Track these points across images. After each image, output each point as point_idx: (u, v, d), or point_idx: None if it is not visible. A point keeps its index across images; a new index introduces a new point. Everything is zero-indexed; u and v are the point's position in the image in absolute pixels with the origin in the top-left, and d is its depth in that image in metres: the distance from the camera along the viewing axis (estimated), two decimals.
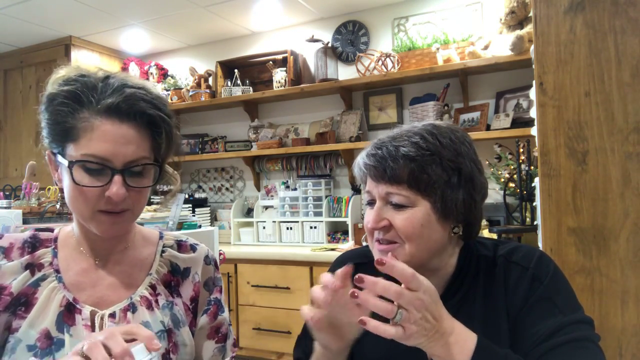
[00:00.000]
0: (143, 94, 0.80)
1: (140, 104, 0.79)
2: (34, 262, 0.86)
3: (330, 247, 3.00)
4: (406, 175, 0.80)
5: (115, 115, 0.78)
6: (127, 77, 0.83)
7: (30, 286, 0.83)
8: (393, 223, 0.81)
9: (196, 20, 3.42)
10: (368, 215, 0.85)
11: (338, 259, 1.02)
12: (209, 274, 0.98)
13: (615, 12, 1.34)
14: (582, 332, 0.75)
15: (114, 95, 0.78)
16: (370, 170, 0.84)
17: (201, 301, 0.95)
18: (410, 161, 0.80)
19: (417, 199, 0.80)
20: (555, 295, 0.79)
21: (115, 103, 0.77)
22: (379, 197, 0.83)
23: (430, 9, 3.12)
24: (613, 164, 1.34)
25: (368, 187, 0.86)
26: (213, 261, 1.01)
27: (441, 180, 0.80)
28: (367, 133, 3.29)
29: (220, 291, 0.99)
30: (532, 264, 0.83)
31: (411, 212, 0.80)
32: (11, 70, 3.92)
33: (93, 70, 0.84)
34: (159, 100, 0.83)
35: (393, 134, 0.86)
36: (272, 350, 2.93)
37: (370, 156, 0.84)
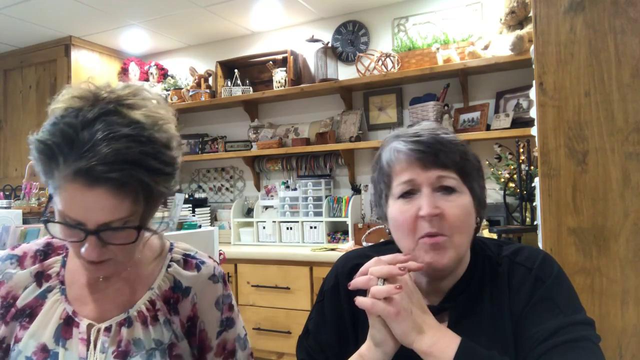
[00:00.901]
0: (125, 151, 0.71)
1: (114, 168, 0.70)
2: (43, 272, 0.88)
3: (330, 247, 3.00)
4: (458, 159, 0.81)
5: (85, 179, 0.70)
6: (120, 120, 0.74)
7: (38, 298, 0.85)
8: (444, 212, 0.79)
9: (196, 20, 3.42)
10: (406, 209, 0.80)
11: (340, 260, 1.01)
12: (217, 293, 0.95)
13: (615, 12, 1.34)
14: (583, 333, 0.75)
15: (87, 155, 0.70)
16: (418, 155, 0.80)
17: (210, 322, 0.93)
18: (455, 145, 0.82)
19: (462, 186, 0.81)
20: (557, 296, 0.79)
21: (85, 168, 0.69)
22: (428, 184, 0.80)
23: (430, 9, 3.12)
24: (613, 164, 1.34)
25: (410, 176, 0.81)
26: (221, 278, 0.97)
27: (476, 169, 0.84)
28: (367, 133, 3.29)
29: (230, 308, 0.97)
30: (535, 265, 0.83)
31: (461, 198, 0.80)
32: (11, 70, 3.92)
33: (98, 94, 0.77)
34: (151, 150, 0.74)
35: (416, 128, 0.86)
36: (272, 350, 2.93)
37: (415, 143, 0.81)
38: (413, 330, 0.73)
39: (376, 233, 2.93)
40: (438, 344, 0.73)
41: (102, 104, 0.75)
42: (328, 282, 0.98)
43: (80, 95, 0.76)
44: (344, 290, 0.93)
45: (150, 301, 0.88)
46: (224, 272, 1.00)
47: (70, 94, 0.77)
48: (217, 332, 0.93)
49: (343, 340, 0.90)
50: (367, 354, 0.78)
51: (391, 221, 0.85)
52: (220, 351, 0.94)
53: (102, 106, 0.75)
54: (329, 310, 0.94)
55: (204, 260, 0.97)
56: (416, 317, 0.74)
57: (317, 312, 0.97)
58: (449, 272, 0.84)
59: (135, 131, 0.73)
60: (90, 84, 0.79)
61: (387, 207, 0.86)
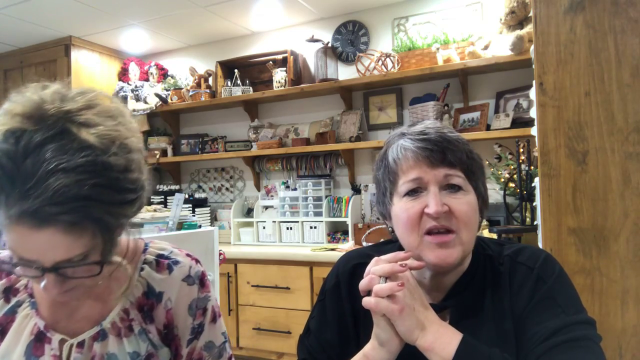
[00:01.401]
0: (76, 187, 0.61)
1: (65, 209, 0.61)
2: (11, 286, 0.82)
3: (330, 247, 3.00)
4: (465, 157, 0.81)
5: (32, 222, 0.62)
6: (69, 145, 0.63)
7: (7, 315, 0.80)
8: (452, 209, 0.79)
9: (196, 20, 3.42)
10: (412, 207, 0.80)
11: (341, 260, 1.01)
12: (191, 295, 0.86)
13: (615, 12, 1.34)
14: (584, 332, 0.75)
15: (32, 194, 0.60)
16: (426, 153, 0.80)
17: (185, 328, 0.85)
18: (462, 144, 0.82)
19: (467, 185, 0.82)
20: (558, 295, 0.79)
21: (31, 210, 0.61)
22: (435, 182, 0.80)
23: (430, 9, 3.12)
24: (613, 164, 1.34)
25: (417, 174, 0.81)
26: (198, 279, 0.88)
27: (480, 169, 0.85)
28: (367, 133, 3.29)
29: (203, 313, 0.87)
30: (537, 264, 0.83)
31: (467, 196, 0.81)
32: (11, 70, 3.92)
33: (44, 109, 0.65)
34: (106, 182, 0.64)
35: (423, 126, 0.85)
36: (272, 350, 2.93)
37: (422, 141, 0.81)
38: (416, 327, 0.74)
39: (376, 233, 2.93)
40: (439, 340, 0.73)
41: (49, 122, 0.64)
42: (329, 282, 0.98)
43: (23, 112, 0.64)
44: (345, 290, 0.93)
45: (124, 310, 0.82)
46: (203, 271, 0.90)
47: (10, 111, 0.65)
48: (187, 340, 0.86)
49: (344, 339, 0.90)
50: (372, 354, 0.78)
51: (395, 219, 0.85)
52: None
53: (49, 126, 0.63)
54: (330, 310, 0.94)
55: (178, 260, 0.88)
56: (418, 314, 0.75)
57: (318, 311, 0.97)
58: (454, 269, 0.84)
59: (87, 159, 0.63)
60: (35, 94, 0.67)
61: (391, 205, 0.86)
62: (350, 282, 0.91)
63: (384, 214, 0.90)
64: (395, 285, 0.74)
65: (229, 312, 3.05)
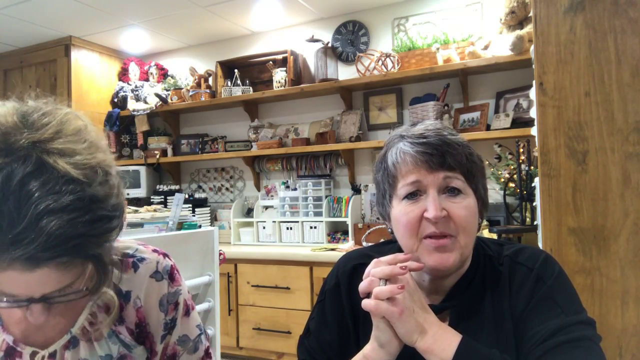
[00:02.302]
0: (69, 228, 0.58)
1: (59, 251, 0.58)
2: None
3: (330, 247, 3.00)
4: (464, 160, 0.81)
5: (23, 266, 0.59)
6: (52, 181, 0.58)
7: None
8: (451, 213, 0.79)
9: (196, 20, 3.42)
10: (411, 210, 0.80)
11: (341, 260, 1.01)
12: (161, 291, 0.84)
13: (615, 12, 1.34)
14: (584, 333, 0.75)
15: (23, 241, 0.56)
16: (425, 157, 0.80)
17: (158, 324, 0.84)
18: (463, 147, 0.82)
19: (467, 188, 0.81)
20: (558, 296, 0.79)
21: (23, 258, 0.57)
22: (434, 186, 0.80)
23: (430, 9, 3.12)
24: (613, 164, 1.34)
25: (416, 177, 0.80)
26: (167, 274, 0.86)
27: (480, 171, 0.84)
28: (367, 133, 3.29)
29: (175, 307, 0.86)
30: (537, 265, 0.83)
31: (466, 200, 0.81)
32: (11, 70, 3.92)
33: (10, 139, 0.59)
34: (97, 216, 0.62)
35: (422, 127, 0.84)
36: (272, 350, 2.93)
37: (421, 144, 0.80)
38: (416, 329, 0.74)
39: (376, 233, 2.93)
40: (439, 342, 0.73)
41: (21, 153, 0.58)
42: (329, 282, 0.97)
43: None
44: (345, 290, 0.93)
45: (92, 314, 0.78)
46: (172, 265, 0.88)
47: None
48: (161, 335, 0.84)
49: (344, 340, 0.90)
50: (371, 355, 0.78)
51: (394, 221, 0.85)
52: (162, 356, 0.85)
53: (22, 158, 0.58)
54: (330, 310, 0.94)
55: (144, 257, 0.85)
56: (418, 316, 0.75)
57: (318, 312, 0.97)
58: (452, 272, 0.84)
59: (75, 195, 0.59)
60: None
61: (390, 208, 0.85)
62: (350, 282, 0.90)
63: (384, 215, 0.90)
64: (395, 288, 0.73)
65: (229, 312, 3.05)
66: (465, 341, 0.74)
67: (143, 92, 3.86)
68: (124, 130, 4.04)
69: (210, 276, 2.05)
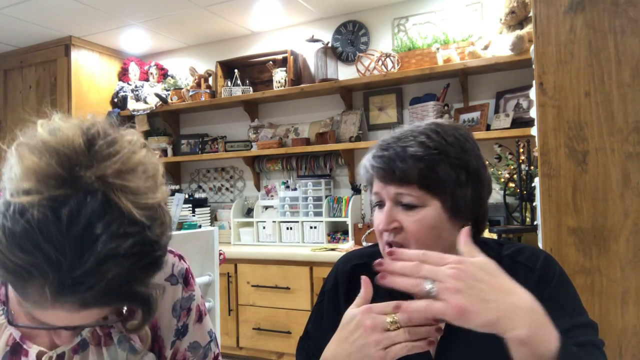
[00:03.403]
0: (126, 274, 0.55)
1: (112, 298, 0.57)
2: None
3: (330, 247, 3.00)
4: (416, 175, 0.79)
5: (73, 307, 0.57)
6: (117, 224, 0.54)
7: None
8: (403, 225, 0.80)
9: (196, 20, 3.42)
10: (377, 217, 0.84)
11: (340, 260, 1.01)
12: (175, 296, 0.82)
13: (615, 12, 1.34)
14: (588, 337, 0.75)
15: (80, 287, 0.53)
16: (378, 172, 0.82)
17: (169, 329, 0.82)
18: (419, 161, 0.79)
19: (427, 199, 0.80)
20: (562, 297, 0.79)
21: (78, 301, 0.55)
22: (389, 198, 0.82)
23: (430, 9, 3.12)
24: (613, 164, 1.34)
25: (376, 189, 0.84)
26: (182, 277, 0.84)
27: (450, 179, 0.79)
28: (367, 133, 3.29)
29: (188, 313, 0.84)
30: (538, 265, 0.82)
31: (422, 212, 0.80)
32: (11, 70, 3.92)
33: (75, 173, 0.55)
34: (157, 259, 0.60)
35: (397, 135, 0.84)
36: (272, 350, 2.93)
37: (377, 158, 0.83)
38: (500, 320, 0.60)
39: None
40: (537, 335, 0.60)
41: (86, 188, 0.54)
42: (328, 283, 0.97)
43: (50, 173, 0.54)
44: (343, 292, 0.93)
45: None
46: (187, 269, 0.85)
47: (34, 170, 0.54)
48: (171, 341, 0.82)
49: None
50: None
51: None
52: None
53: (87, 193, 0.54)
54: (328, 312, 0.94)
55: None
56: (496, 304, 0.61)
57: (316, 313, 0.97)
58: None
59: (136, 239, 0.56)
60: (55, 141, 0.56)
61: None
62: (349, 283, 0.90)
63: None
64: (433, 331, 0.65)
65: (229, 312, 3.05)
66: (564, 342, 0.62)
67: (143, 92, 3.86)
68: None
69: (210, 276, 2.05)
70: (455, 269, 0.62)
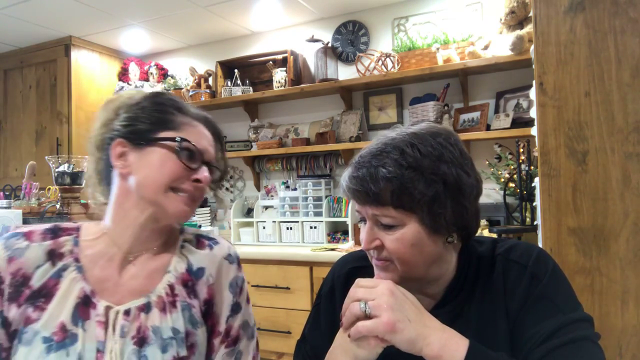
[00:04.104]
0: None
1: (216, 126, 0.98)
2: (56, 250, 0.84)
3: (331, 247, 3.00)
4: (389, 196, 0.77)
5: (205, 124, 0.92)
6: None
7: (52, 278, 0.82)
8: (384, 244, 0.80)
9: (196, 20, 3.42)
10: (362, 233, 0.84)
11: (337, 263, 1.01)
12: (232, 273, 0.93)
13: (615, 12, 1.34)
14: (582, 332, 0.75)
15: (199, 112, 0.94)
16: (353, 194, 0.81)
17: (224, 305, 0.90)
18: (390, 182, 0.77)
19: (404, 218, 0.78)
20: (554, 294, 0.78)
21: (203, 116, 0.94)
22: (368, 218, 0.82)
23: (430, 9, 3.12)
24: (613, 164, 1.34)
25: (357, 207, 0.84)
26: (237, 260, 0.96)
27: (426, 197, 0.77)
28: (367, 133, 3.29)
29: (241, 292, 0.94)
30: (530, 262, 0.82)
31: (401, 232, 0.78)
32: (11, 70, 3.92)
33: None
34: None
35: (374, 148, 0.82)
36: (272, 350, 2.93)
37: (352, 178, 0.81)
38: (418, 337, 0.72)
39: None
40: (446, 347, 0.71)
41: None
42: (325, 286, 0.97)
43: None
44: (339, 295, 0.93)
45: (170, 285, 0.86)
46: (238, 255, 0.97)
47: None
48: (226, 316, 0.90)
49: None
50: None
51: None
52: (224, 338, 0.90)
53: None
54: (324, 316, 0.94)
55: (218, 241, 0.96)
56: (415, 323, 0.73)
57: (313, 316, 0.97)
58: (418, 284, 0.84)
59: None
60: None
61: None
62: (346, 287, 0.90)
63: None
64: None
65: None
66: (474, 345, 0.72)
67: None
68: None
69: None
70: (388, 288, 0.74)
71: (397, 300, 0.74)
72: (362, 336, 0.74)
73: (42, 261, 0.83)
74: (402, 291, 0.76)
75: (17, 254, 0.82)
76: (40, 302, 0.80)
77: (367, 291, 0.75)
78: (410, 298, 0.77)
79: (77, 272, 0.83)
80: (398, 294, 0.75)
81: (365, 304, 0.74)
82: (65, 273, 0.83)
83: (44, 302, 0.80)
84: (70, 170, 2.21)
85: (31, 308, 0.79)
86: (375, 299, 0.73)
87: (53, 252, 0.84)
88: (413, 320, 0.73)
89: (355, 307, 0.74)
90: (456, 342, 0.72)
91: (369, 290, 0.76)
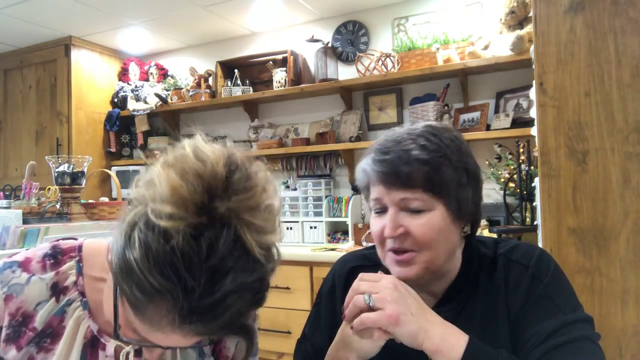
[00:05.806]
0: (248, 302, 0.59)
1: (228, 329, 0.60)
2: (60, 283, 0.75)
3: (331, 247, 3.00)
4: (421, 178, 0.77)
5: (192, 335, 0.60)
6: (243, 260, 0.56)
7: (56, 315, 0.73)
8: (410, 230, 0.79)
9: (196, 20, 3.42)
10: (377, 224, 0.82)
11: (338, 262, 1.01)
12: None
13: (615, 12, 1.34)
14: (582, 332, 0.75)
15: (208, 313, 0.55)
16: (380, 176, 0.80)
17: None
18: (424, 164, 0.77)
19: (433, 202, 0.78)
20: (555, 294, 0.79)
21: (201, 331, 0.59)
22: (393, 204, 0.80)
23: (430, 9, 3.11)
24: (613, 164, 1.34)
25: (377, 195, 0.82)
26: None
27: (453, 181, 0.79)
28: (367, 133, 3.29)
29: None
30: (532, 262, 0.82)
31: (428, 216, 0.78)
32: (11, 70, 3.92)
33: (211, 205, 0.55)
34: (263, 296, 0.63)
35: (395, 138, 0.83)
36: (272, 350, 2.93)
37: (378, 162, 0.81)
38: (419, 330, 0.73)
39: None
40: (446, 342, 0.72)
41: (219, 219, 0.55)
42: (325, 285, 0.97)
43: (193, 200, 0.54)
44: (340, 294, 0.93)
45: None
46: None
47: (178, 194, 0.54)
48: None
49: None
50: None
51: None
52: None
53: (222, 226, 0.55)
54: (324, 315, 0.94)
55: None
56: (418, 317, 0.74)
57: (313, 315, 0.97)
58: (426, 280, 0.84)
59: (256, 276, 0.58)
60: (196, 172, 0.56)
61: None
62: (346, 286, 0.90)
63: None
64: None
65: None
66: (473, 340, 0.73)
67: (143, 92, 3.86)
68: (124, 130, 4.04)
69: None
70: (392, 282, 0.75)
71: (401, 294, 0.75)
72: (365, 328, 0.74)
73: (44, 297, 0.73)
74: (405, 287, 0.77)
75: (16, 290, 0.72)
76: (46, 342, 0.72)
77: (371, 284, 0.76)
78: (413, 294, 0.77)
79: (83, 308, 0.75)
80: (401, 288, 0.76)
81: (369, 297, 0.74)
82: (69, 309, 0.74)
83: (49, 343, 0.72)
84: (70, 170, 2.21)
85: (35, 349, 0.72)
86: (380, 292, 0.74)
87: (56, 286, 0.74)
88: (415, 314, 0.74)
89: (359, 299, 0.75)
90: (456, 337, 0.73)
91: (373, 284, 0.76)
